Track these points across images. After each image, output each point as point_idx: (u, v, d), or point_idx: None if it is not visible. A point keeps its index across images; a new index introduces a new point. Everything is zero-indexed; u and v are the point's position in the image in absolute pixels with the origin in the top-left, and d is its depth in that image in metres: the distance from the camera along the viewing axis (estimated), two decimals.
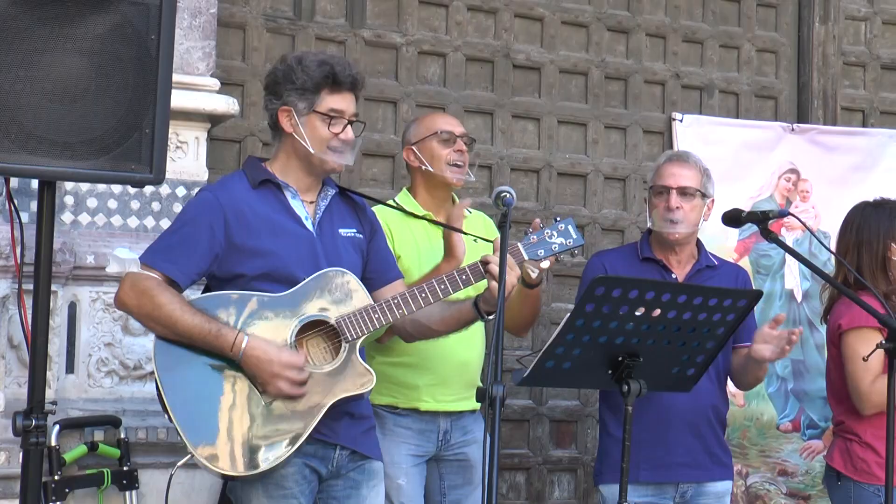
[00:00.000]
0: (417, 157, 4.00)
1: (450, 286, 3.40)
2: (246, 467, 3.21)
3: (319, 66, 3.37)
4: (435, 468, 3.98)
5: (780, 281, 5.63)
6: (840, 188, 5.72)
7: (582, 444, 5.47)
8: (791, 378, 5.55)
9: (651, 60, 5.73)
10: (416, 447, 3.91)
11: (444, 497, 4.00)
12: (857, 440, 4.06)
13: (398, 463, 3.87)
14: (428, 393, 3.89)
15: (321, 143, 3.37)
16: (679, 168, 3.97)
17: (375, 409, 3.88)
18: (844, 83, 6.05)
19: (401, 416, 3.90)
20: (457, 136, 4.00)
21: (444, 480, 3.99)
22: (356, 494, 3.43)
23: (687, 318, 3.24)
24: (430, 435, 3.93)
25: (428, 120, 4.08)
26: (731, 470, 4.06)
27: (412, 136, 4.06)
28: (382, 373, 3.86)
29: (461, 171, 3.98)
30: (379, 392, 3.88)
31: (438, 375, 3.88)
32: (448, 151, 3.97)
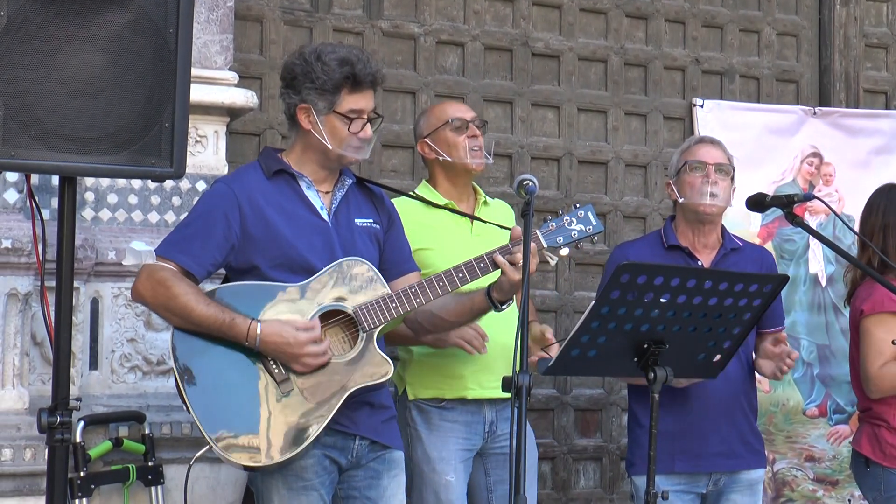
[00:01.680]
0: (433, 149, 3.98)
1: (468, 275, 3.39)
2: (265, 458, 3.21)
3: (340, 67, 3.33)
4: (480, 463, 3.97)
5: (804, 266, 5.60)
6: (863, 171, 5.69)
7: (607, 432, 5.45)
8: (817, 363, 5.52)
9: (671, 46, 5.70)
10: (465, 441, 3.90)
11: (492, 493, 3.98)
12: (885, 425, 4.04)
13: (447, 459, 3.86)
14: (474, 380, 3.87)
15: (340, 142, 3.36)
16: (712, 148, 3.96)
17: (420, 404, 3.88)
18: (867, 65, 6.00)
19: (446, 410, 3.89)
20: (468, 121, 3.98)
21: (489, 476, 3.98)
22: (377, 485, 3.43)
23: (713, 304, 3.21)
24: (477, 427, 3.91)
25: (437, 110, 4.06)
26: (764, 457, 4.04)
27: (424, 129, 4.04)
28: (426, 365, 3.86)
29: (479, 155, 3.97)
30: (424, 385, 3.88)
31: (482, 362, 3.85)
32: (463, 138, 3.95)
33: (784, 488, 5.42)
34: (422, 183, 4.09)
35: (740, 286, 3.22)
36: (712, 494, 3.92)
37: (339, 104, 3.34)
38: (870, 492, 4.12)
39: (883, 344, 3.96)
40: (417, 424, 3.87)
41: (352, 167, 3.53)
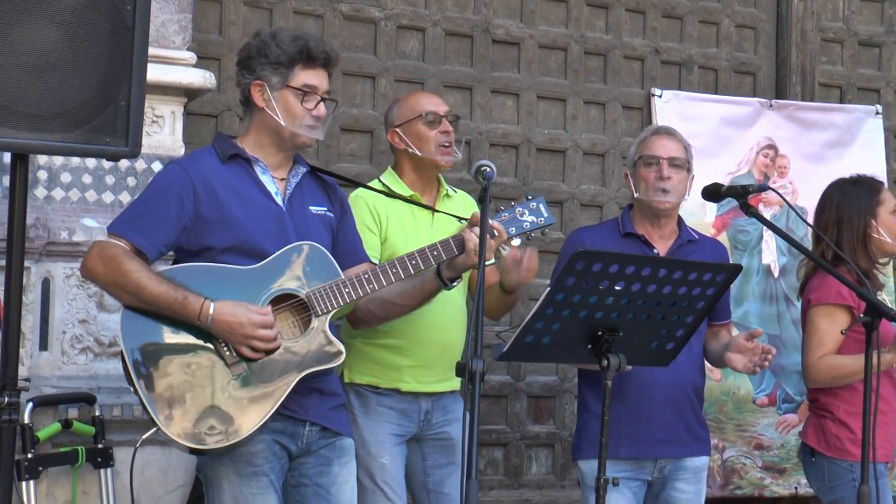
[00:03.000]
0: (403, 140, 3.96)
1: (421, 262, 3.39)
2: (213, 442, 3.19)
3: (294, 41, 3.36)
4: (417, 448, 3.97)
5: (757, 256, 5.65)
6: (817, 164, 5.74)
7: (560, 419, 5.48)
8: None
9: (630, 36, 5.72)
10: (398, 426, 3.90)
11: (428, 476, 3.99)
12: (830, 417, 4.08)
13: (381, 442, 3.87)
14: (410, 374, 3.88)
15: (294, 119, 3.36)
16: (667, 140, 3.97)
17: (357, 387, 3.88)
18: (822, 59, 6.06)
19: (383, 396, 3.89)
20: (442, 115, 3.97)
21: (426, 460, 3.98)
22: (328, 472, 3.42)
23: (667, 293, 3.23)
24: (412, 415, 3.92)
25: (411, 101, 4.04)
26: (708, 445, 4.06)
27: (396, 119, 4.01)
28: (365, 353, 3.86)
29: (449, 152, 3.96)
30: (360, 371, 3.87)
31: (421, 357, 3.87)
32: (434, 133, 3.94)
33: (733, 476, 5.47)
34: (387, 170, 4.07)
35: (694, 275, 3.24)
36: (658, 482, 3.95)
37: (292, 79, 3.35)
38: (814, 481, 4.16)
39: (825, 335, 4.01)
40: (354, 408, 3.86)
41: (310, 152, 3.52)
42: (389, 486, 3.87)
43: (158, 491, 4.17)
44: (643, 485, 3.93)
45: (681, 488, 3.95)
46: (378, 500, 3.86)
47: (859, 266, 3.93)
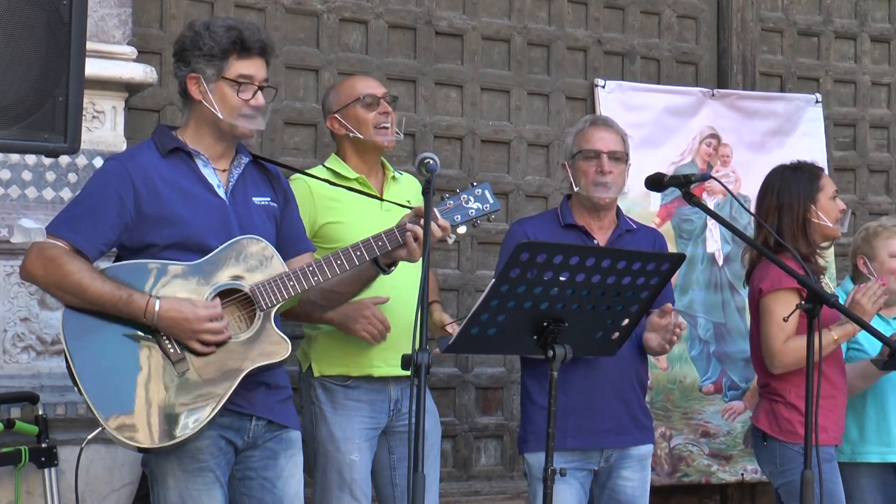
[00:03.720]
0: (343, 125, 3.96)
1: (365, 252, 3.38)
2: (160, 439, 3.17)
3: (227, 32, 3.33)
4: (384, 441, 3.97)
5: (701, 245, 5.69)
6: (759, 152, 5.79)
7: (508, 410, 5.49)
8: (713, 341, 5.62)
9: (573, 27, 5.73)
10: (369, 419, 3.90)
11: (394, 471, 3.99)
12: (781, 401, 4.13)
13: (351, 438, 3.86)
14: (379, 358, 3.87)
15: (231, 110, 3.33)
16: (606, 132, 3.99)
17: (325, 382, 3.87)
18: (763, 49, 6.11)
19: (351, 389, 3.88)
20: (379, 97, 3.97)
21: (393, 453, 3.99)
22: (273, 465, 3.41)
23: (611, 283, 3.25)
24: (382, 405, 3.91)
25: (347, 86, 4.04)
26: (652, 433, 4.10)
27: (333, 105, 4.01)
28: (331, 342, 3.85)
29: (389, 132, 3.97)
30: (329, 363, 3.87)
31: (388, 339, 3.85)
32: (373, 115, 3.95)
33: (680, 463, 5.51)
34: (331, 156, 4.07)
35: (638, 265, 3.26)
36: (604, 471, 3.98)
37: (227, 70, 3.32)
38: (766, 465, 4.21)
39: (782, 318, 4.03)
40: (322, 403, 3.86)
41: (254, 144, 3.49)
42: (357, 483, 3.88)
43: (104, 490, 4.13)
44: (589, 474, 3.96)
45: (627, 476, 3.98)
46: (343, 498, 3.87)
47: (800, 251, 3.98)
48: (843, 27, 6.31)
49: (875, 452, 4.38)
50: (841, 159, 6.24)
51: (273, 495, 3.41)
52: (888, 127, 6.39)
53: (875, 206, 6.33)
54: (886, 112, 6.39)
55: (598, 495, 4.03)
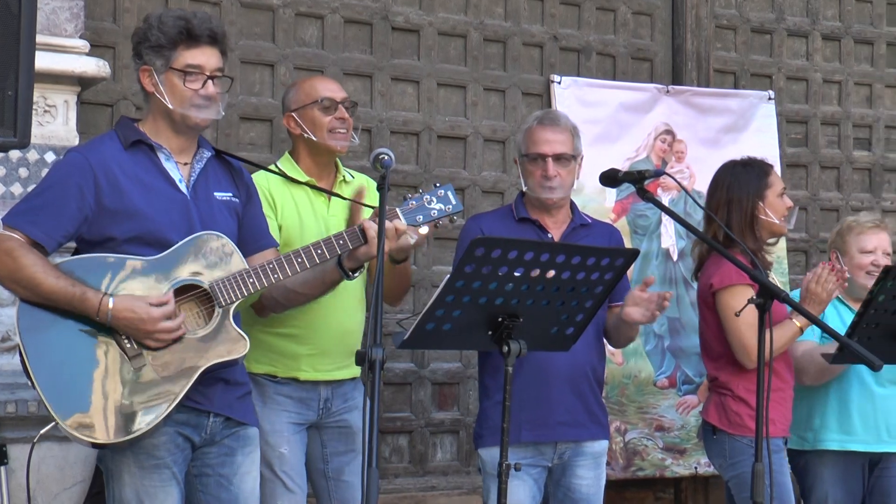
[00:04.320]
0: (298, 125, 3.94)
1: (326, 251, 3.37)
2: (115, 435, 3.14)
3: (175, 22, 3.31)
4: (317, 435, 3.96)
5: (656, 240, 5.73)
6: (713, 148, 5.83)
7: (464, 405, 5.50)
8: (668, 335, 5.65)
9: (529, 23, 5.75)
10: (296, 415, 3.88)
11: (327, 464, 3.98)
12: (730, 395, 4.15)
13: (280, 431, 3.85)
14: (308, 363, 3.86)
15: (181, 101, 3.31)
16: (552, 133, 3.97)
17: (254, 377, 3.84)
18: (717, 46, 6.16)
19: (280, 385, 3.87)
20: (338, 102, 3.95)
21: (326, 447, 3.97)
22: (230, 461, 3.40)
23: (566, 278, 3.26)
24: (311, 403, 3.90)
25: (307, 86, 4.02)
26: (607, 429, 4.11)
27: (292, 104, 3.99)
28: (262, 342, 3.82)
29: (345, 137, 3.95)
30: (257, 360, 3.84)
31: (319, 345, 3.85)
32: (330, 119, 3.92)
33: (635, 457, 5.54)
34: (284, 156, 4.05)
35: (592, 260, 3.27)
36: (558, 468, 3.98)
37: (175, 60, 3.30)
38: (716, 458, 4.24)
39: (746, 314, 4.05)
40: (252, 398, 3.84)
41: (209, 139, 3.47)
42: (288, 475, 3.86)
43: (55, 488, 4.09)
44: (544, 471, 3.97)
45: (581, 475, 3.99)
46: (277, 490, 3.85)
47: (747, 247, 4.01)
48: (795, 25, 6.37)
49: (835, 440, 4.42)
50: (793, 156, 6.31)
51: (229, 492, 3.39)
52: (839, 124, 6.46)
53: (826, 202, 6.41)
54: (837, 109, 6.46)
55: (552, 493, 4.04)
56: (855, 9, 6.52)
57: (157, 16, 3.36)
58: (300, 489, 3.89)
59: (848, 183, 6.47)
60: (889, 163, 6.59)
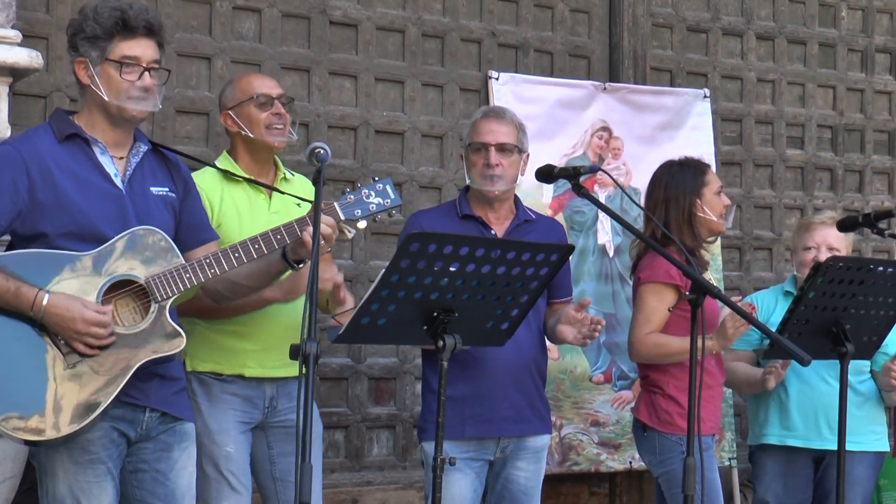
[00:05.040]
0: (235, 122, 3.92)
1: (264, 246, 3.37)
2: (50, 432, 3.11)
3: (110, 13, 3.27)
4: (262, 436, 3.94)
5: (593, 236, 5.76)
6: (649, 146, 5.88)
7: (401, 400, 5.50)
8: (603, 331, 5.62)
9: (467, 19, 5.75)
10: (242, 414, 3.87)
11: (274, 465, 3.96)
12: (661, 393, 4.20)
13: (226, 430, 3.83)
14: (253, 359, 3.85)
15: (117, 92, 3.27)
16: (496, 124, 4.00)
17: (200, 375, 3.83)
18: (653, 44, 6.21)
19: (226, 383, 3.85)
20: (274, 98, 3.94)
21: (272, 448, 3.95)
22: (167, 457, 3.38)
23: (501, 273, 3.27)
24: (257, 401, 3.88)
25: (243, 83, 4.00)
26: (550, 424, 4.14)
27: (228, 101, 3.97)
28: (208, 339, 3.81)
29: (282, 133, 3.94)
30: (203, 358, 3.82)
31: (265, 341, 3.84)
32: (266, 115, 3.91)
33: (570, 452, 5.58)
34: (222, 154, 4.03)
35: (528, 255, 3.29)
36: (499, 462, 4.01)
37: (111, 51, 3.27)
38: (646, 455, 4.28)
39: (652, 313, 4.12)
40: (198, 396, 3.82)
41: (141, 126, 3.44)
42: (234, 475, 3.84)
43: None
44: (485, 464, 3.99)
45: (521, 467, 4.02)
46: (223, 490, 3.83)
47: (685, 245, 4.05)
48: (730, 24, 6.45)
49: (775, 435, 4.49)
50: (728, 153, 6.38)
51: (165, 488, 3.38)
52: (772, 122, 6.55)
53: (760, 199, 6.50)
54: (771, 108, 6.55)
55: (491, 485, 4.06)
56: (788, 9, 6.61)
57: (92, 7, 3.31)
58: (245, 489, 3.87)
59: (781, 181, 6.56)
60: (820, 161, 6.69)
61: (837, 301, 3.81)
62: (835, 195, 6.72)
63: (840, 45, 6.77)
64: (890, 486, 5.99)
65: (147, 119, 3.55)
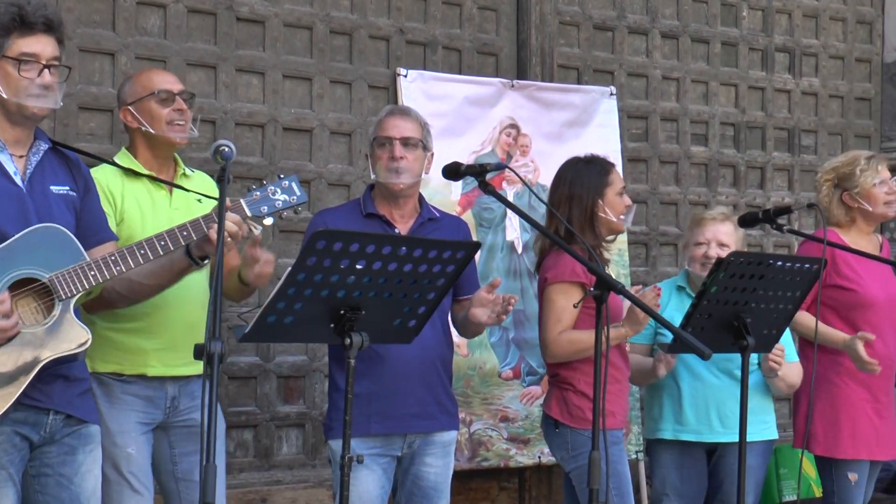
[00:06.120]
0: (136, 118, 3.88)
1: (170, 242, 3.34)
2: None
3: (7, 9, 3.23)
4: (164, 436, 3.90)
5: (501, 233, 5.80)
6: (557, 143, 5.92)
7: (310, 398, 5.49)
8: (512, 327, 5.73)
9: (376, 16, 5.75)
10: (144, 414, 3.82)
11: (176, 465, 3.92)
12: (572, 389, 4.24)
13: (127, 431, 3.78)
14: (155, 358, 3.80)
15: (16, 90, 3.23)
16: (401, 120, 4.02)
17: (100, 376, 3.78)
18: (560, 42, 6.26)
19: (127, 383, 3.80)
20: (175, 93, 3.90)
21: (174, 448, 3.91)
22: (71, 461, 3.33)
23: (408, 270, 3.29)
24: (159, 401, 3.84)
25: (144, 78, 3.95)
26: (457, 419, 4.16)
27: (128, 97, 3.92)
28: (107, 339, 3.75)
29: (183, 130, 3.90)
30: (103, 359, 3.77)
31: (166, 339, 3.80)
32: (168, 111, 3.87)
33: (479, 448, 5.61)
34: (121, 150, 3.97)
35: (434, 253, 3.31)
36: (407, 457, 4.02)
37: (8, 48, 3.23)
38: (558, 451, 4.32)
39: (562, 312, 4.16)
40: (98, 397, 3.76)
41: (47, 130, 3.39)
42: (135, 476, 3.79)
43: None
44: (393, 461, 4.00)
45: (430, 463, 4.04)
46: (124, 492, 3.78)
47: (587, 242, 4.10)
48: (635, 23, 6.53)
49: (669, 430, 4.56)
50: (634, 150, 6.47)
51: (69, 492, 3.33)
52: (677, 120, 6.65)
53: (665, 195, 6.59)
54: (676, 105, 6.65)
55: (401, 481, 4.07)
56: (691, 8, 6.72)
57: None
58: (147, 490, 3.83)
59: (686, 177, 6.67)
60: (724, 158, 6.82)
61: (739, 295, 3.88)
62: (737, 191, 6.85)
63: (742, 44, 6.91)
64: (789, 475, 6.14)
65: (49, 116, 3.49)
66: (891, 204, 4.82)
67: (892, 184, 4.84)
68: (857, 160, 4.83)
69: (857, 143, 7.24)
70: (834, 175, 4.87)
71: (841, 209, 4.85)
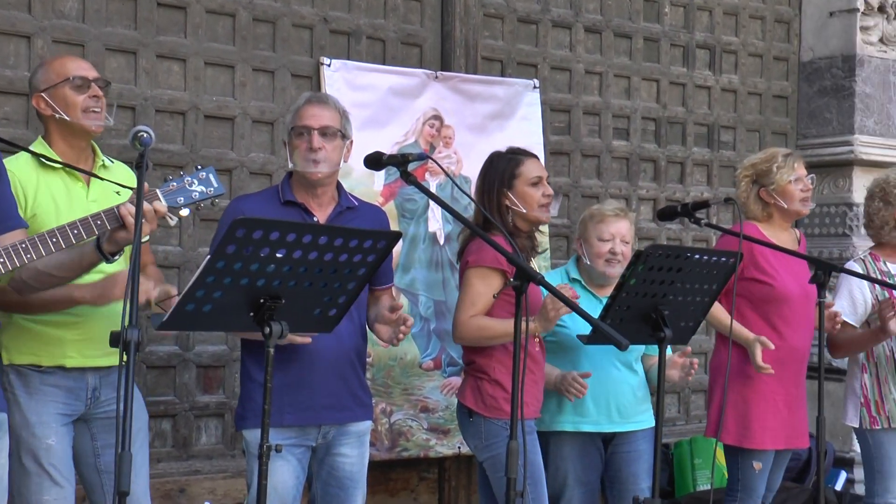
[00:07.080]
0: (49, 106, 3.79)
1: (83, 231, 3.29)
2: None
3: None
4: (85, 429, 3.84)
5: (424, 224, 5.80)
6: (480, 135, 5.94)
7: (230, 388, 5.44)
8: (433, 318, 5.74)
9: (299, 4, 5.71)
10: (64, 406, 3.76)
11: (98, 458, 3.87)
12: (486, 378, 4.27)
13: (47, 422, 3.71)
14: (74, 349, 3.74)
15: None
16: (319, 109, 4.00)
17: (18, 368, 3.71)
18: (485, 34, 6.27)
19: (46, 374, 3.73)
20: (90, 80, 3.83)
21: (96, 440, 3.86)
22: None
23: (328, 260, 3.28)
24: (79, 392, 3.78)
25: (57, 65, 3.87)
26: (371, 410, 4.16)
27: (41, 83, 3.84)
28: (26, 330, 3.69)
29: (99, 117, 3.82)
30: (20, 351, 3.70)
31: (86, 331, 3.74)
32: (83, 98, 3.79)
33: (400, 439, 5.62)
34: (37, 140, 3.89)
35: (355, 242, 3.30)
36: (322, 447, 4.01)
37: None
38: (472, 440, 4.34)
39: (478, 296, 4.20)
40: (16, 388, 3.71)
41: None
42: (56, 468, 3.73)
43: None
44: (307, 451, 3.99)
45: (345, 453, 4.03)
46: (44, 484, 3.71)
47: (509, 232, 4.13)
48: (559, 17, 6.57)
49: (570, 422, 4.61)
50: (556, 143, 6.51)
51: None
52: (599, 114, 6.70)
53: (587, 189, 6.65)
54: (598, 99, 6.70)
55: (316, 472, 4.06)
56: (615, 3, 6.78)
57: None
58: (68, 483, 3.77)
59: (607, 171, 6.73)
60: (645, 153, 6.89)
61: (657, 288, 3.94)
62: (657, 185, 6.93)
63: (663, 39, 6.98)
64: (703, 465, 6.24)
65: None
66: (805, 201, 4.92)
67: (808, 181, 4.93)
68: (775, 157, 4.92)
69: (774, 139, 7.36)
70: (752, 171, 4.96)
71: (758, 205, 4.93)
